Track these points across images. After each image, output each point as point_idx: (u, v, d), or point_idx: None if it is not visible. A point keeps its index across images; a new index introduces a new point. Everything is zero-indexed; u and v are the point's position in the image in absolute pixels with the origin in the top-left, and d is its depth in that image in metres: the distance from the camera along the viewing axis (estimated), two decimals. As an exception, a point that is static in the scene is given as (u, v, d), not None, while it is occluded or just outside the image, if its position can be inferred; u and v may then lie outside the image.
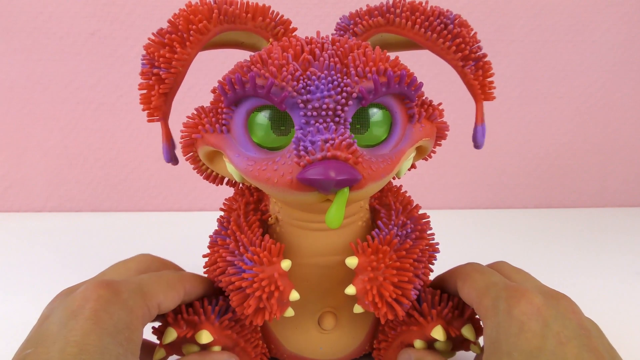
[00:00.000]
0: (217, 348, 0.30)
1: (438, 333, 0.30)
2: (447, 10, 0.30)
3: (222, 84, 0.27)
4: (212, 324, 0.30)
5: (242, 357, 0.32)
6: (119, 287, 0.26)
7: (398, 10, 0.30)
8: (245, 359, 0.32)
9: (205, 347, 0.30)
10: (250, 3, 0.30)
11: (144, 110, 0.29)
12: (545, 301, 0.26)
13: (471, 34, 0.30)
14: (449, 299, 0.32)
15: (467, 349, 0.32)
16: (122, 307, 0.25)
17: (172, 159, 0.31)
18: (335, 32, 0.33)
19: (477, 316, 0.32)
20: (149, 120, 0.29)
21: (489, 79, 0.30)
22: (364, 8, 0.31)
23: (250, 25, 0.30)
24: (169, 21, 0.28)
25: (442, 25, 0.29)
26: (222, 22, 0.28)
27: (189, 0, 0.28)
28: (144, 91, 0.28)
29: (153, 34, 0.28)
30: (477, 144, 0.32)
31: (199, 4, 0.28)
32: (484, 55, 0.30)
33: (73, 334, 0.23)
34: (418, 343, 0.31)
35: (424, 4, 0.30)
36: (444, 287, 0.33)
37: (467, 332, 0.30)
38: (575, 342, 0.24)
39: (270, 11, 0.30)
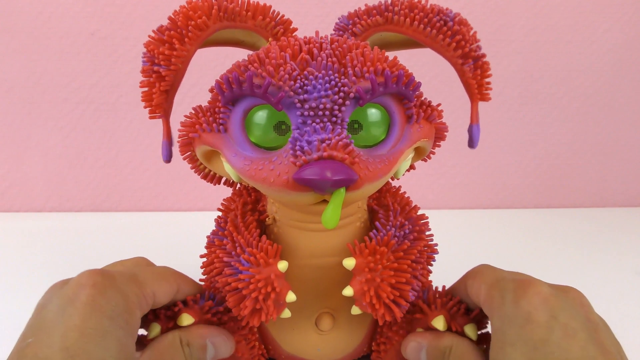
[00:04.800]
0: None
1: (438, 323, 0.30)
2: (447, 9, 0.30)
3: (219, 83, 0.27)
4: (191, 308, 0.30)
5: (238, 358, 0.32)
6: (113, 274, 0.26)
7: (397, 9, 0.30)
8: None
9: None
10: (250, 1, 0.29)
11: (145, 107, 0.29)
12: (553, 292, 0.25)
13: (471, 33, 0.30)
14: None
15: None
16: (117, 292, 0.26)
17: (170, 157, 0.31)
18: (334, 32, 0.33)
19: (485, 322, 0.32)
20: (151, 117, 0.29)
21: (487, 80, 0.30)
22: (363, 8, 0.31)
23: (250, 24, 0.29)
24: (169, 18, 0.28)
25: (442, 22, 0.29)
26: (222, 19, 0.28)
27: None
28: (145, 89, 0.28)
29: (153, 31, 0.28)
30: (473, 143, 0.32)
31: (199, 1, 0.28)
32: (483, 55, 0.30)
33: (72, 320, 0.23)
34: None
35: (422, 2, 0.30)
36: (455, 294, 0.32)
37: (469, 330, 0.30)
38: (582, 334, 0.24)
39: (271, 11, 0.30)
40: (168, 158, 0.30)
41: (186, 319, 0.29)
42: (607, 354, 0.23)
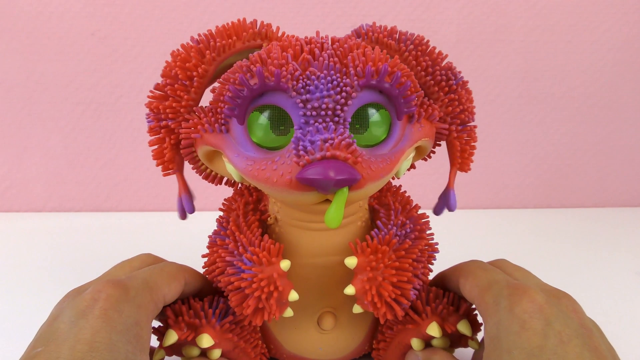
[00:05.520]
0: (217, 351, 0.30)
1: (433, 330, 0.30)
2: (459, 72, 0.31)
3: (230, 93, 0.26)
4: (212, 327, 0.30)
5: (241, 357, 0.32)
6: (127, 284, 0.27)
7: (411, 46, 0.30)
8: (244, 359, 0.32)
9: (205, 351, 0.30)
10: (226, 26, 0.30)
11: (158, 165, 0.30)
12: (547, 299, 0.26)
13: (472, 102, 0.31)
14: (443, 296, 0.32)
15: (465, 345, 0.32)
16: (130, 304, 0.26)
17: (191, 209, 0.31)
18: (350, 32, 0.32)
19: (474, 312, 0.32)
20: (165, 174, 0.30)
21: (471, 150, 0.31)
22: (390, 26, 0.31)
23: (239, 46, 0.30)
24: (164, 75, 0.29)
25: (444, 78, 0.30)
26: (215, 59, 0.29)
27: (173, 50, 0.29)
28: (156, 147, 0.29)
29: (151, 91, 0.29)
30: (449, 208, 0.33)
31: (187, 50, 0.29)
32: (473, 126, 0.31)
33: (83, 332, 0.24)
34: (415, 342, 0.31)
35: (442, 56, 0.30)
36: (446, 284, 0.33)
37: (463, 327, 0.30)
38: (577, 341, 0.24)
39: (247, 22, 0.30)
40: (188, 213, 0.31)
41: (206, 341, 0.29)
42: (602, 359, 0.24)
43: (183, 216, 0.32)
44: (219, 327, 0.30)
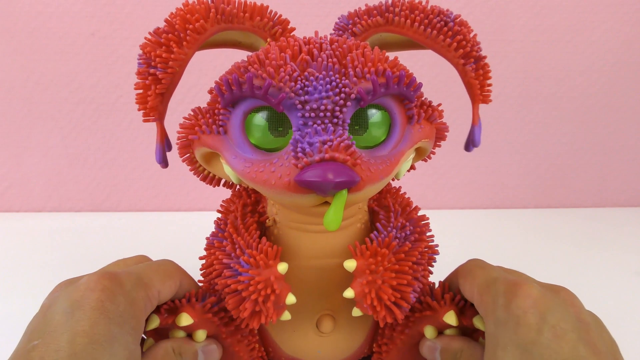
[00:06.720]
0: (202, 332, 0.30)
1: (451, 318, 0.30)
2: (447, 10, 0.30)
3: (219, 85, 0.27)
4: (192, 307, 0.29)
5: None
6: (122, 278, 0.26)
7: (397, 9, 0.30)
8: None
9: (189, 331, 0.30)
10: (248, 2, 0.29)
11: (139, 110, 0.29)
12: (543, 293, 0.26)
13: (471, 35, 0.30)
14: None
15: (476, 340, 0.32)
16: (125, 297, 0.26)
17: (164, 161, 0.30)
18: (333, 31, 0.33)
19: None
20: (145, 120, 0.29)
21: (488, 81, 0.30)
22: (363, 8, 0.31)
23: (248, 25, 0.29)
24: (166, 20, 0.28)
25: (442, 23, 0.29)
26: (220, 22, 0.28)
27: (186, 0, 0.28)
28: (140, 91, 0.28)
29: (150, 33, 0.28)
30: (475, 144, 0.32)
31: (196, 3, 0.28)
32: (484, 57, 0.30)
33: (81, 324, 0.23)
34: (429, 330, 0.31)
35: (423, 3, 0.30)
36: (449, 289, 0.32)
37: (478, 322, 0.30)
38: (572, 335, 0.24)
39: (268, 11, 0.30)
40: (162, 161, 0.30)
41: (185, 319, 0.29)
42: (598, 353, 0.23)
43: (163, 164, 0.31)
44: (200, 307, 0.29)
